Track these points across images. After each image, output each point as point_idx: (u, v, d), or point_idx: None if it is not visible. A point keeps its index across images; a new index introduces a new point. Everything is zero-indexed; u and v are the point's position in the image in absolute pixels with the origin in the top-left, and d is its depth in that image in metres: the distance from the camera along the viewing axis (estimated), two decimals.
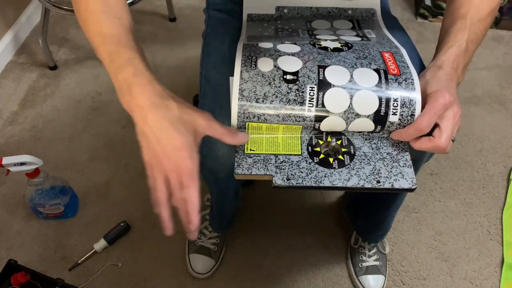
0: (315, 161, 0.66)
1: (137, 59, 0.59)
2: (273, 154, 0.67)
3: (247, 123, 0.67)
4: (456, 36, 0.69)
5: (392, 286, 1.18)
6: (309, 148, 0.68)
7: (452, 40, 0.69)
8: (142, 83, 0.57)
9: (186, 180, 0.56)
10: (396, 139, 0.67)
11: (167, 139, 0.56)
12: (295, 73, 0.66)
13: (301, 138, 0.69)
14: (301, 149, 0.68)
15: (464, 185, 1.38)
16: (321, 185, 0.65)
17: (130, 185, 1.35)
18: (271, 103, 0.65)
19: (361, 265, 1.17)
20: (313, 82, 0.65)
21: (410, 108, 0.65)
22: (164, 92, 0.58)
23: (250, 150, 0.67)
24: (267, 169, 0.65)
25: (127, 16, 0.65)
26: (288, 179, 0.65)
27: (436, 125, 0.63)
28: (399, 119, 0.65)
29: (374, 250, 1.18)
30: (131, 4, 1.41)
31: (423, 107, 0.64)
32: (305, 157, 0.67)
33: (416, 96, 0.65)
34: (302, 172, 0.65)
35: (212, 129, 0.60)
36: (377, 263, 1.17)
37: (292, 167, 0.66)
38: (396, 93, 0.65)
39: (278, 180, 0.64)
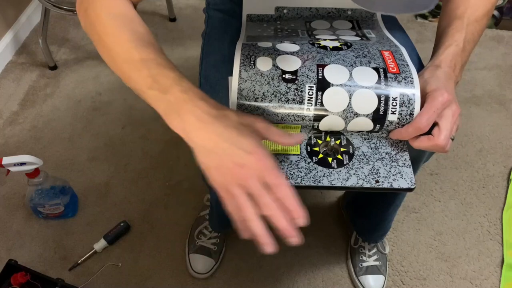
0: (314, 161, 0.66)
1: (183, 78, 0.57)
2: (271, 153, 0.67)
3: None
4: (453, 36, 0.70)
5: (392, 286, 1.18)
6: (308, 147, 0.68)
7: (450, 40, 0.70)
8: (195, 98, 0.54)
9: (273, 178, 0.53)
10: (395, 138, 0.67)
11: (237, 146, 0.52)
12: (294, 72, 0.66)
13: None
14: (300, 148, 0.68)
15: (464, 185, 1.38)
16: (320, 184, 0.65)
17: (130, 185, 1.35)
18: (269, 102, 0.65)
19: (361, 265, 1.17)
20: (312, 81, 0.65)
21: (409, 107, 0.65)
22: (217, 104, 0.55)
23: None
24: None
25: (153, 38, 0.62)
26: (287, 178, 0.65)
27: (435, 124, 0.63)
28: (398, 118, 0.65)
29: (374, 250, 1.18)
30: None
31: (422, 106, 0.65)
32: (304, 157, 0.67)
33: (415, 95, 0.65)
34: (301, 172, 0.65)
35: (270, 131, 0.57)
36: (377, 263, 1.17)
37: (291, 166, 0.66)
38: (395, 92, 0.65)
39: None
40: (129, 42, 0.58)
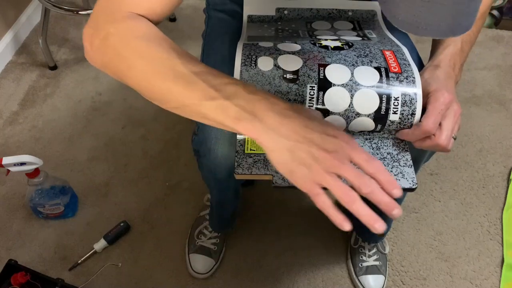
0: None
1: (242, 82, 0.55)
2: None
3: None
4: None
5: (392, 286, 1.18)
6: None
7: (448, 40, 0.71)
8: (266, 96, 0.53)
9: (363, 155, 0.51)
10: (402, 138, 0.67)
11: (326, 133, 0.51)
12: (295, 72, 0.65)
13: None
14: None
15: (464, 185, 1.38)
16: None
17: (130, 185, 1.35)
18: None
19: (361, 265, 1.17)
20: (313, 81, 0.65)
21: (410, 107, 0.65)
22: (281, 99, 0.55)
23: (250, 150, 0.67)
24: (267, 168, 0.65)
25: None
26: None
27: None
28: (399, 118, 0.65)
29: (374, 250, 1.18)
30: None
31: (423, 107, 0.65)
32: None
33: (417, 94, 0.65)
34: None
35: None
36: (377, 263, 1.17)
37: None
38: (397, 91, 0.65)
39: (279, 180, 0.64)
40: (173, 59, 0.55)
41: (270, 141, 0.51)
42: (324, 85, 0.65)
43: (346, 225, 0.50)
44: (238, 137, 0.68)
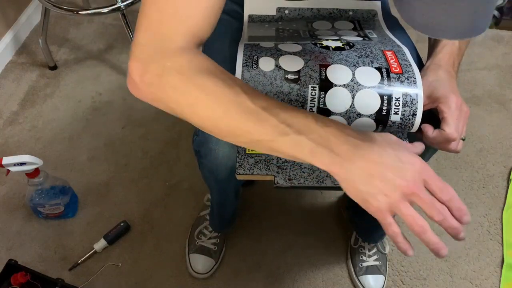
0: None
1: (310, 113, 0.55)
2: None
3: None
4: None
5: (392, 286, 1.18)
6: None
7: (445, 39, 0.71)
8: (340, 128, 0.53)
9: (439, 184, 0.53)
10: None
11: (401, 162, 0.52)
12: (297, 73, 0.65)
13: None
14: None
15: (464, 185, 1.38)
16: (323, 185, 0.65)
17: (130, 185, 1.35)
18: None
19: (361, 265, 1.17)
20: (314, 82, 0.65)
21: (412, 107, 0.65)
22: (354, 129, 0.55)
23: (252, 150, 0.67)
24: (269, 169, 0.65)
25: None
26: (289, 179, 0.64)
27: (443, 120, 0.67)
28: (400, 119, 0.65)
29: (374, 250, 1.18)
30: (131, 4, 1.41)
31: (432, 112, 0.67)
32: None
33: (418, 95, 0.65)
34: (304, 172, 0.65)
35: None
36: (377, 263, 1.17)
37: (293, 167, 0.66)
38: (398, 92, 0.64)
39: (280, 180, 0.64)
40: (240, 95, 0.53)
41: (346, 173, 0.52)
42: (326, 85, 0.65)
43: (410, 252, 0.53)
44: None
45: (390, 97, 0.64)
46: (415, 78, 0.65)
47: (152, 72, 0.54)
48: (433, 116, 0.69)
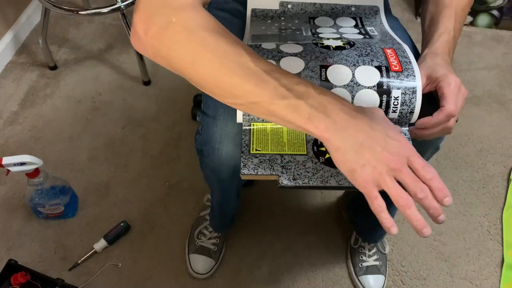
0: (321, 161, 0.66)
1: (310, 82, 0.56)
2: (278, 154, 0.67)
3: (252, 123, 0.68)
4: (444, 24, 0.73)
5: (392, 286, 1.18)
6: (315, 148, 0.68)
7: (442, 28, 0.73)
8: (336, 97, 0.55)
9: (421, 161, 0.53)
10: (422, 127, 0.68)
11: (389, 136, 0.54)
12: (297, 75, 0.66)
13: (306, 138, 0.68)
14: (307, 149, 0.68)
15: (464, 185, 1.38)
16: (328, 185, 0.65)
17: (130, 185, 1.35)
18: None
19: (361, 265, 1.17)
20: (315, 83, 0.65)
21: (410, 105, 0.65)
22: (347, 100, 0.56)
23: (256, 150, 0.67)
24: (273, 169, 0.65)
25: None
26: (294, 179, 0.64)
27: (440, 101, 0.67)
28: (398, 116, 0.66)
29: (374, 250, 1.18)
30: (131, 4, 1.41)
31: (431, 93, 0.68)
32: (311, 157, 0.67)
33: (417, 93, 0.65)
34: (308, 172, 0.65)
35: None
36: (377, 263, 1.17)
37: (298, 167, 0.66)
38: (397, 91, 0.65)
39: (285, 180, 0.64)
40: (243, 55, 0.54)
41: (338, 140, 0.53)
42: (326, 86, 0.65)
43: (394, 229, 0.53)
44: (243, 137, 0.68)
45: (389, 97, 0.65)
46: (414, 76, 0.66)
47: (157, 24, 0.54)
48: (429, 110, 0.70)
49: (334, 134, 0.53)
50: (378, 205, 0.52)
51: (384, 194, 0.52)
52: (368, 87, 0.65)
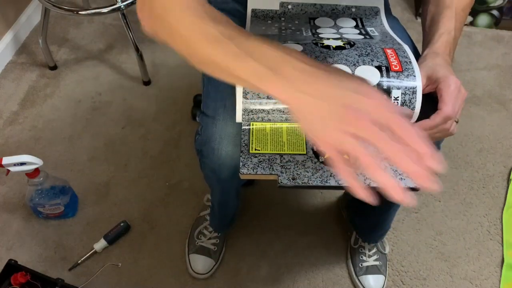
0: (321, 161, 0.66)
1: (277, 44, 0.53)
2: (278, 153, 0.67)
3: (251, 123, 0.68)
4: (445, 24, 0.74)
5: (392, 286, 1.18)
6: (314, 147, 0.68)
7: (442, 28, 0.73)
8: (291, 53, 0.50)
9: (395, 120, 0.45)
10: (421, 129, 0.66)
11: (349, 90, 0.47)
12: None
13: (305, 137, 0.69)
14: (306, 148, 0.68)
15: (464, 185, 1.38)
16: (327, 184, 0.65)
17: (130, 185, 1.35)
18: (274, 104, 0.65)
19: (361, 265, 1.17)
20: None
21: (409, 106, 0.65)
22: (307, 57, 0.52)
23: (255, 150, 0.67)
24: (273, 168, 0.65)
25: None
26: (293, 178, 0.64)
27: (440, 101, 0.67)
28: None
29: (374, 250, 1.18)
30: (131, 4, 1.41)
31: (431, 94, 0.67)
32: (310, 157, 0.67)
33: (417, 93, 0.65)
34: (307, 172, 0.65)
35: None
36: (377, 263, 1.17)
37: (297, 166, 0.66)
38: (397, 91, 0.65)
39: (284, 180, 0.64)
40: (207, 23, 0.54)
41: (295, 101, 0.49)
42: None
43: (363, 193, 0.45)
44: (243, 137, 0.68)
45: (388, 97, 0.65)
46: (414, 76, 0.66)
47: (147, 5, 0.58)
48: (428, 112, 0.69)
49: (290, 93, 0.48)
50: (343, 169, 0.46)
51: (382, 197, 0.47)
52: None
